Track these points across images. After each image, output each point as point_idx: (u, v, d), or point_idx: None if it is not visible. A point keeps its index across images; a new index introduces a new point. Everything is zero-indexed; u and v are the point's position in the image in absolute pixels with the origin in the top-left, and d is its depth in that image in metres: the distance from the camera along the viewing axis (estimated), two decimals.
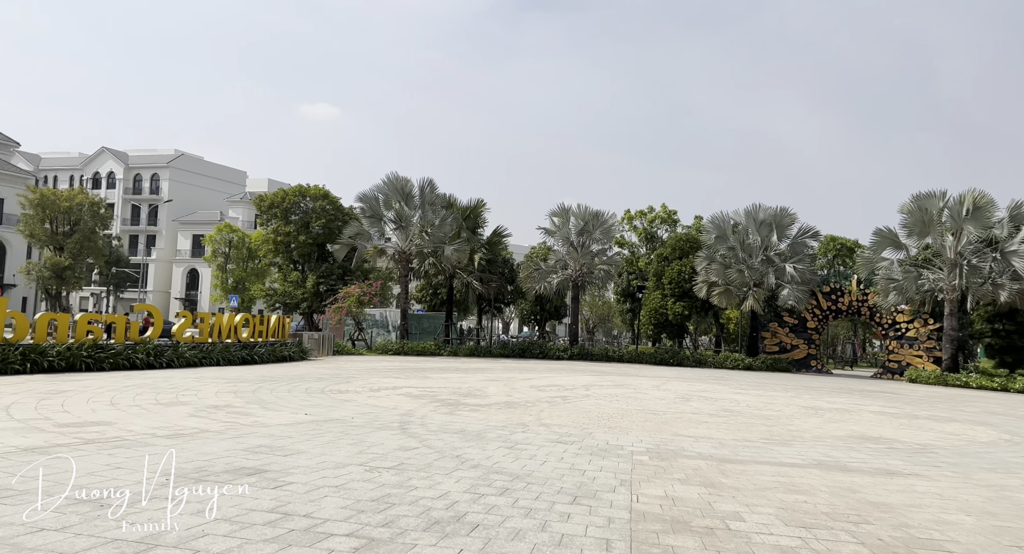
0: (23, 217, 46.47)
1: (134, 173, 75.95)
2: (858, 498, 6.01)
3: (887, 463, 7.88)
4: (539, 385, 16.72)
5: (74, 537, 4.04)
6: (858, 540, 4.74)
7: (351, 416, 9.84)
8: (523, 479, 6.18)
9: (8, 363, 13.80)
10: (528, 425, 9.69)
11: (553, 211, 35.92)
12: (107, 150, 76.59)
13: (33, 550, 3.82)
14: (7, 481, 5.28)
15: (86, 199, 46.65)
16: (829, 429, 10.76)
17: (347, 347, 30.13)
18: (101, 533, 4.14)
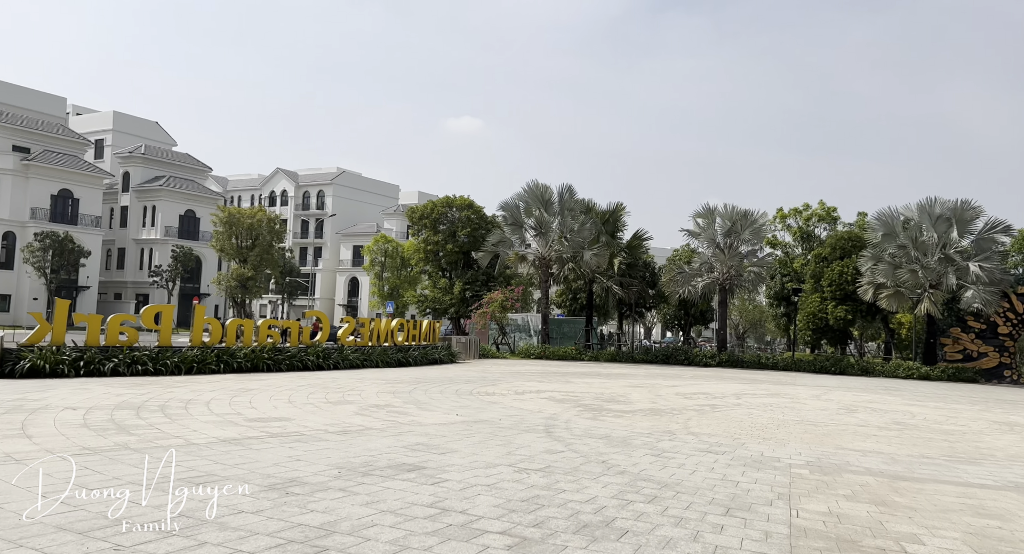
0: (215, 234, 52.97)
1: (303, 191, 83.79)
2: None
3: None
4: (685, 392, 16.23)
5: (266, 520, 4.59)
6: None
7: (499, 418, 10.18)
8: (672, 487, 6.08)
9: (206, 363, 15.82)
10: (675, 433, 9.47)
11: (697, 212, 34.71)
12: (281, 171, 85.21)
13: (237, 529, 4.39)
14: (213, 468, 6.09)
15: (264, 216, 52.27)
16: None
17: (491, 351, 31.12)
18: (288, 518, 4.66)
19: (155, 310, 16.55)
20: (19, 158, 51.79)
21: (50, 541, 3.96)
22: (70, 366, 13.62)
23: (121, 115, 71.05)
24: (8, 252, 51.08)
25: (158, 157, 65.84)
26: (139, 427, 8.00)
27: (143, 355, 14.78)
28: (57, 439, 7.04)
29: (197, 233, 64.48)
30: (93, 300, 54.28)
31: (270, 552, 3.95)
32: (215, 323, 17.42)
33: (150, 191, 63.17)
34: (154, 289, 58.31)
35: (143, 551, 3.87)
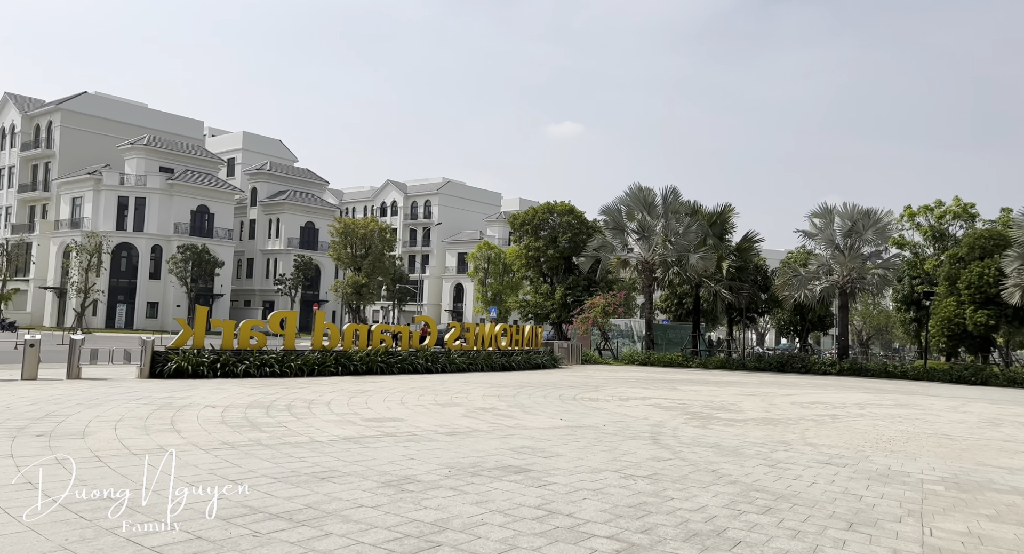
0: (332, 243, 56.24)
1: (411, 201, 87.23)
2: None
3: None
4: (802, 401, 15.40)
5: (384, 515, 4.86)
6: None
7: (603, 424, 10.14)
8: (788, 499, 5.82)
9: (326, 366, 16.84)
10: (791, 443, 9.03)
11: (814, 212, 32.82)
12: (391, 182, 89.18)
13: (358, 522, 4.68)
14: (335, 464, 6.50)
15: (376, 226, 54.96)
16: None
17: (594, 356, 30.90)
18: (404, 513, 4.91)
19: (280, 316, 17.81)
20: (165, 178, 57.49)
21: (199, 525, 4.41)
22: (208, 367, 14.95)
23: (249, 135, 77.24)
24: (156, 264, 56.73)
25: (282, 173, 70.95)
26: (269, 425, 8.67)
27: (270, 358, 15.96)
28: (200, 434, 7.77)
29: (316, 243, 68.74)
30: (226, 307, 59.14)
31: (389, 545, 4.19)
32: (333, 328, 18.50)
33: (274, 205, 68.08)
34: (278, 296, 62.72)
35: (277, 539, 4.22)
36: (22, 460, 6.02)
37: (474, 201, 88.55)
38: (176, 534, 4.18)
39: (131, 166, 58.45)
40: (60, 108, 60.93)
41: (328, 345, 17.93)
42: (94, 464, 6.00)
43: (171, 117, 67.98)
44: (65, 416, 8.56)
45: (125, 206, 56.39)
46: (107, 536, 4.10)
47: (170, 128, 66.58)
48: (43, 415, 8.59)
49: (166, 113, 67.94)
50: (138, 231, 56.21)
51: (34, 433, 7.36)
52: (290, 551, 3.98)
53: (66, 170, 60.07)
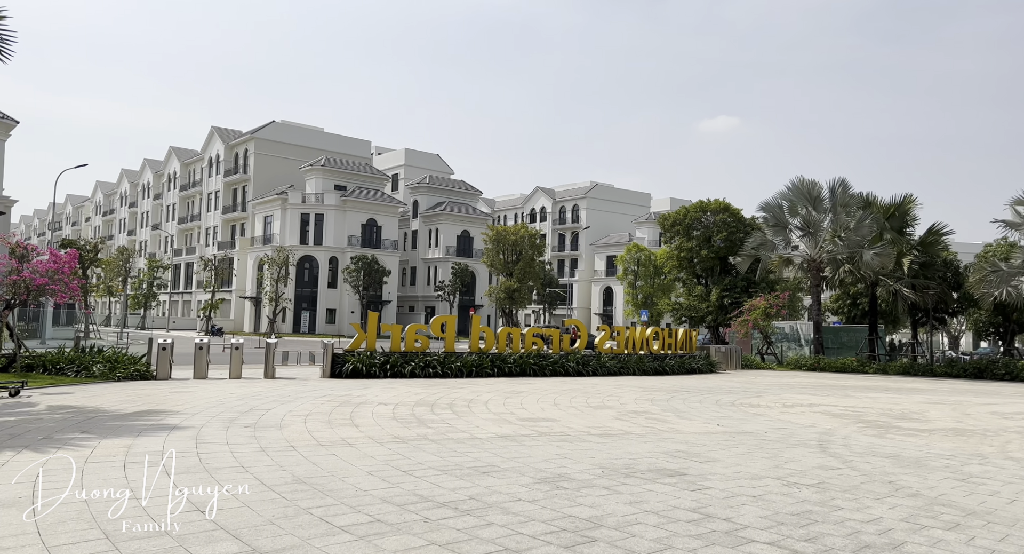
0: (485, 250, 58.54)
1: (559, 206, 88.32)
2: None
3: None
4: (1004, 412, 13.57)
5: (541, 509, 5.10)
6: None
7: (764, 430, 9.69)
8: (981, 516, 5.26)
9: (482, 368, 17.65)
10: (987, 457, 8.06)
11: (1016, 199, 28.67)
12: (539, 189, 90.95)
13: (517, 514, 4.96)
14: (493, 460, 6.89)
15: (527, 232, 56.39)
16: None
17: (755, 361, 29.32)
18: (559, 508, 5.12)
19: (441, 320, 18.96)
20: (339, 196, 63.31)
21: (378, 509, 4.93)
22: (380, 368, 16.31)
23: (411, 151, 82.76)
24: (333, 274, 62.54)
25: (439, 185, 75.21)
26: (433, 421, 9.33)
27: (433, 360, 17.06)
28: (375, 428, 8.57)
29: (471, 251, 71.89)
30: (393, 312, 63.69)
31: (546, 537, 4.41)
32: (488, 331, 19.34)
33: (433, 216, 72.26)
34: (438, 301, 66.37)
35: (445, 525, 4.61)
36: (235, 447, 7.06)
37: (622, 203, 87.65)
38: (359, 517, 4.72)
39: (311, 186, 65.06)
40: (254, 137, 69.39)
41: (484, 348, 18.76)
42: (289, 453, 6.87)
43: (343, 138, 74.75)
44: (265, 411, 9.84)
45: (307, 222, 62.80)
46: (303, 515, 4.73)
47: (343, 149, 73.23)
48: (248, 409, 9.93)
49: (339, 135, 74.78)
50: (317, 245, 62.31)
51: (242, 424, 8.55)
52: (457, 537, 4.34)
53: (259, 192, 68.21)
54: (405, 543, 4.18)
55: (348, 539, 4.22)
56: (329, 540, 4.17)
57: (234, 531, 4.29)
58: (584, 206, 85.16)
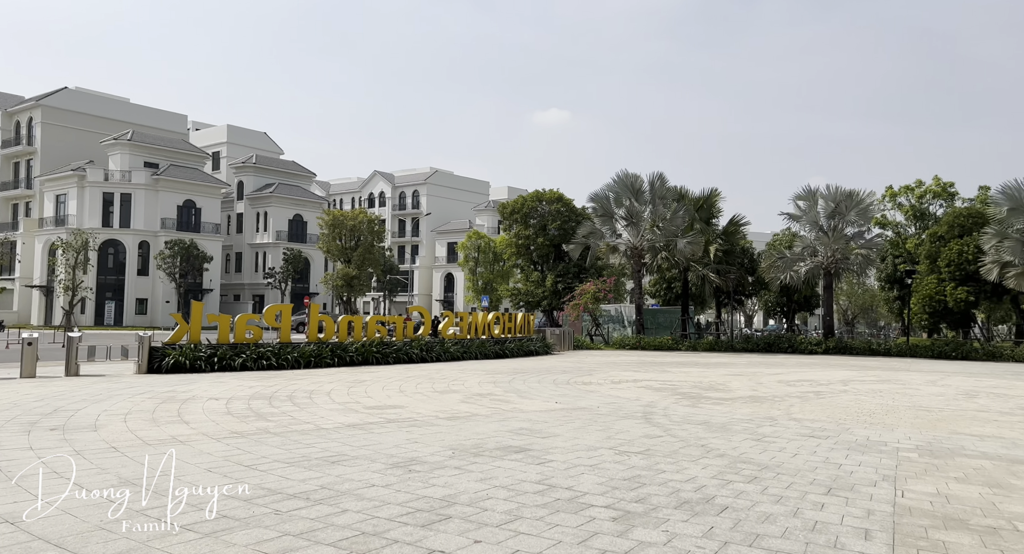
0: (321, 236, 56.22)
1: (399, 191, 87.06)
2: None
3: None
4: (788, 380, 15.88)
5: (395, 493, 5.17)
6: None
7: (597, 405, 10.51)
8: (772, 469, 6.20)
9: (322, 358, 17.10)
10: (776, 419, 9.44)
11: (798, 194, 33.26)
12: (378, 173, 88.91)
13: (372, 499, 5.00)
14: (343, 449, 6.81)
15: (365, 217, 54.98)
16: None
17: (585, 342, 31.34)
18: (413, 491, 5.23)
19: (276, 309, 18.02)
20: (150, 173, 57.07)
21: (222, 505, 4.71)
22: (206, 362, 15.17)
23: (234, 128, 76.66)
24: (143, 260, 56.45)
25: (267, 166, 70.52)
26: (273, 414, 8.95)
27: (267, 351, 16.20)
28: (208, 425, 8.04)
29: (305, 236, 68.58)
30: (216, 301, 59.02)
31: (403, 518, 4.51)
32: (328, 320, 18.75)
33: (261, 198, 67.75)
34: (268, 290, 62.63)
35: (298, 515, 4.53)
36: (42, 452, 6.28)
37: (462, 190, 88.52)
38: (202, 515, 4.48)
39: (115, 162, 57.95)
40: (40, 104, 60.16)
41: (323, 337, 18.17)
42: (111, 455, 6.26)
43: (154, 111, 67.29)
44: (73, 411, 8.80)
45: (110, 202, 55.96)
46: (137, 517, 4.39)
47: (154, 123, 65.91)
48: (52, 410, 8.82)
49: (149, 107, 67.23)
50: (124, 227, 55.83)
51: (47, 427, 7.60)
52: (311, 526, 4.29)
53: (49, 167, 59.44)
54: (257, 536, 4.05)
55: (193, 538, 4.00)
56: (169, 541, 3.93)
57: (57, 541, 3.88)
58: (424, 192, 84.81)
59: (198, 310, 16.20)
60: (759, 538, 4.25)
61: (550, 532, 4.29)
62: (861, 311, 66.30)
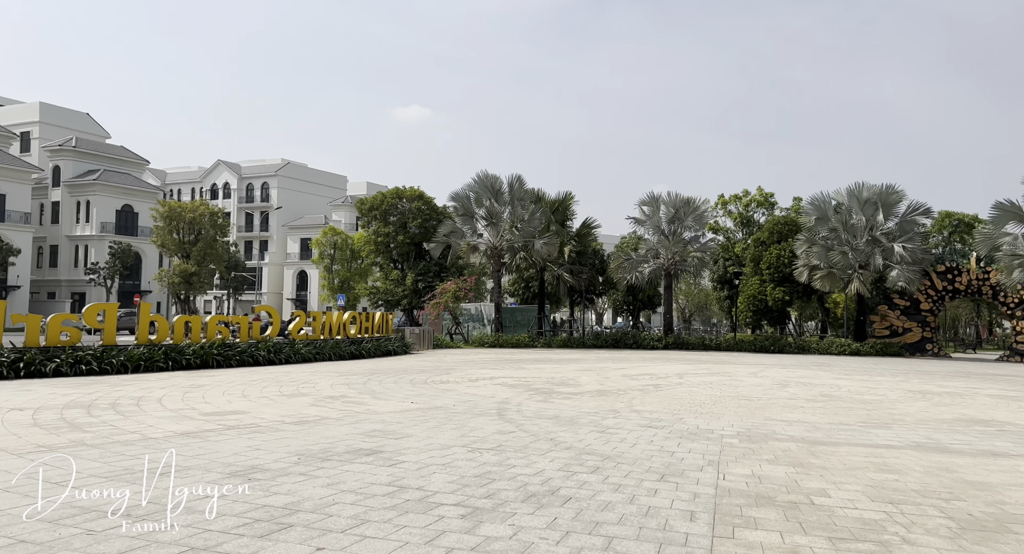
0: (155, 229, 51.37)
1: (247, 183, 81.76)
2: (954, 477, 5.97)
3: (994, 445, 7.64)
4: (632, 374, 16.93)
5: (231, 503, 4.84)
6: (946, 515, 4.81)
7: (453, 404, 10.55)
8: (613, 459, 6.57)
9: (154, 361, 15.63)
10: (619, 411, 10.03)
11: (642, 200, 35.68)
12: (223, 162, 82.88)
13: (202, 512, 4.64)
14: (181, 462, 6.27)
15: (207, 209, 50.97)
16: (935, 412, 10.39)
17: (445, 341, 31.41)
18: (252, 500, 4.93)
19: (98, 309, 16.22)
20: None
21: (21, 529, 4.14)
22: (9, 368, 13.30)
23: (48, 106, 67.77)
24: None
25: (90, 150, 63.14)
26: (92, 425, 8.04)
27: (87, 354, 14.51)
28: (8, 438, 7.05)
29: (136, 228, 62.34)
30: (25, 300, 52.00)
31: (238, 530, 4.23)
32: (162, 320, 17.19)
33: (83, 185, 60.63)
34: (91, 287, 56.20)
35: (114, 535, 4.09)
36: None
37: (318, 184, 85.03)
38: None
39: None
40: None
41: (156, 339, 16.64)
42: None
43: None
44: None
45: None
46: None
47: None
48: None
49: None
50: None
51: None
52: (131, 545, 3.90)
53: None
54: None
55: None
56: None
57: None
58: (275, 184, 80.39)
59: (0, 309, 14.16)
60: (598, 526, 4.49)
61: (398, 534, 4.24)
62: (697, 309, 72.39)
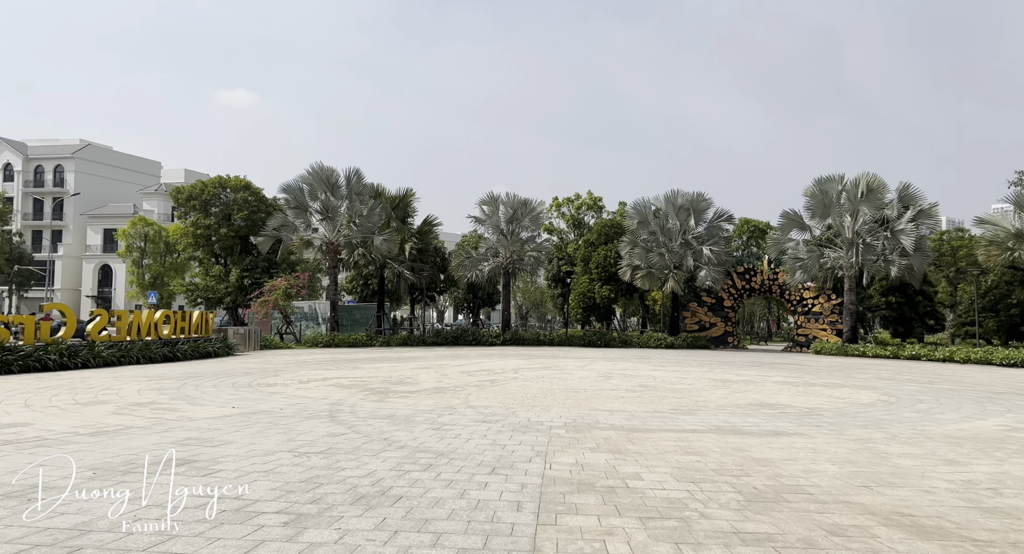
0: None
1: (35, 164, 71.18)
2: (744, 456, 6.77)
3: (777, 426, 8.77)
4: (469, 370, 17.17)
5: (5, 528, 4.19)
6: (736, 489, 5.43)
7: (280, 407, 10.00)
8: (447, 456, 6.62)
9: None
10: (455, 408, 10.12)
11: (482, 199, 36.34)
12: (3, 141, 71.39)
13: None
14: None
15: None
16: (733, 399, 11.71)
17: (275, 341, 29.69)
18: (33, 523, 4.30)
19: None
20: None
21: None
22: None
23: None
24: None
25: None
26: None
27: None
28: None
29: None
30: None
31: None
32: None
33: None
34: None
35: None
36: None
37: (125, 169, 76.24)
38: None
39: None
40: None
41: None
42: None
43: None
44: None
45: None
46: None
47: None
48: None
49: None
50: None
51: None
52: None
53: None
54: None
55: None
56: None
57: None
58: (72, 168, 70.86)
59: None
60: (427, 522, 4.49)
61: (210, 547, 3.92)
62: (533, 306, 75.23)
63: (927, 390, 13.58)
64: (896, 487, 5.56)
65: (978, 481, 5.82)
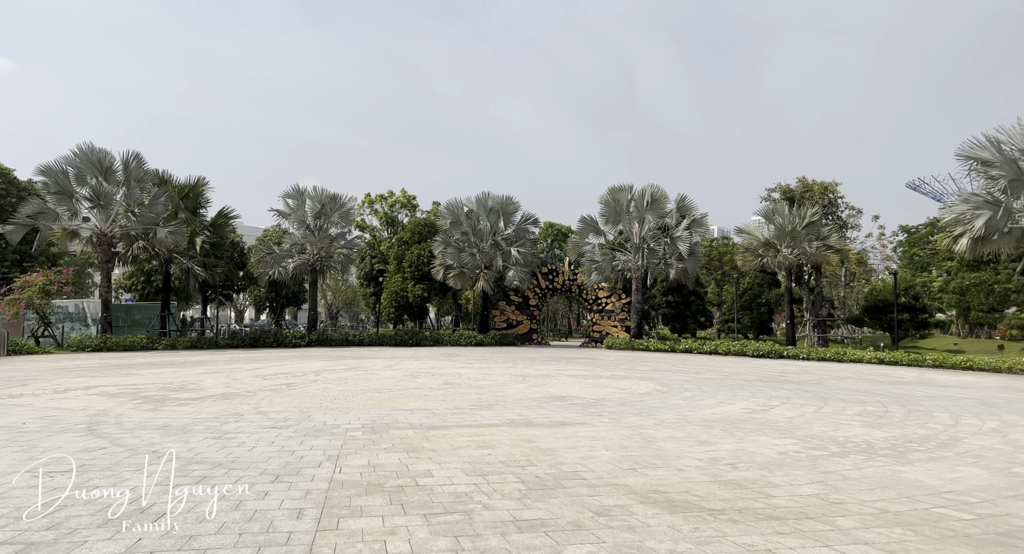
0: None
1: None
2: (532, 447, 7.14)
3: (565, 416, 9.38)
4: (266, 374, 16.13)
5: None
6: (520, 479, 5.70)
7: (23, 422, 8.57)
8: (225, 466, 6.12)
9: None
10: (243, 414, 9.43)
11: (287, 192, 34.36)
12: None
13: None
14: None
15: None
16: (530, 392, 12.31)
17: (28, 345, 25.45)
18: None
19: None
20: None
21: None
22: None
23: None
24: None
25: None
26: None
27: None
28: None
29: None
30: None
31: None
32: None
33: None
34: None
35: None
36: None
37: None
38: None
39: None
40: None
41: None
42: None
43: None
44: None
45: None
46: None
47: None
48: None
49: None
50: None
51: None
52: None
53: None
54: None
55: None
56: None
57: None
58: None
59: None
60: (191, 539, 4.11)
61: None
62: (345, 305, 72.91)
63: (694, 380, 15.42)
64: (656, 468, 6.22)
65: (721, 458, 6.72)
